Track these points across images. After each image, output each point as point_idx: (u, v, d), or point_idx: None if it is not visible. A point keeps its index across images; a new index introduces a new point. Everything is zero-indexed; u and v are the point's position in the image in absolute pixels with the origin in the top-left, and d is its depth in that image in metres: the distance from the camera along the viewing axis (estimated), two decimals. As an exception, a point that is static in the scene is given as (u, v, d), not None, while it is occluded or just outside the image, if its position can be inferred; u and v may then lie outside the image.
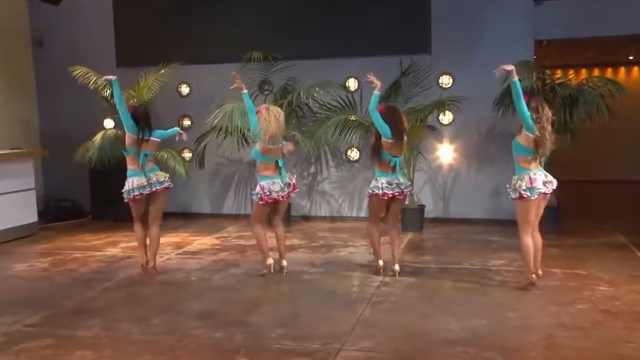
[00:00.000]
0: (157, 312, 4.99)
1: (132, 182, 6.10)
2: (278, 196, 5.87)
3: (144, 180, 6.07)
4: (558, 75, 8.91)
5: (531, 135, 5.17)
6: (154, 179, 6.14)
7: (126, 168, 6.21)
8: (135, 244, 6.84)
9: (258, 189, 5.88)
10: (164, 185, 6.20)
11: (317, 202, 9.67)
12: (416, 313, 4.85)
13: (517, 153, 5.34)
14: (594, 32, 8.82)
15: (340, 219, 9.51)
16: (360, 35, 9.12)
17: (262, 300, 5.33)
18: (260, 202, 5.84)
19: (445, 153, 9.04)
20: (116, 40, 10.06)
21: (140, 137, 6.12)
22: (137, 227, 6.37)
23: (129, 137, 6.14)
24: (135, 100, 8.92)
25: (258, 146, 5.89)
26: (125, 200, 6.19)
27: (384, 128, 5.66)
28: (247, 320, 4.75)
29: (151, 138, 6.20)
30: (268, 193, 5.82)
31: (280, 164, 5.96)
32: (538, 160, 5.32)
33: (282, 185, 5.89)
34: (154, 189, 6.13)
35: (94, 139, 8.88)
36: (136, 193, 6.08)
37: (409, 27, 8.97)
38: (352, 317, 4.75)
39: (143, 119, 6.17)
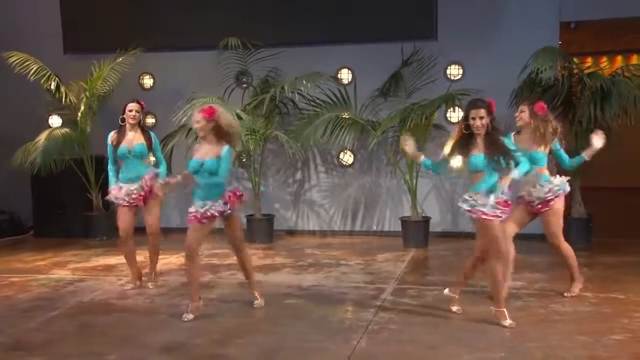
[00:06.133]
0: (113, 346, 4.95)
1: None
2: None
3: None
4: (588, 64, 9.01)
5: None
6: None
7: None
8: (90, 264, 6.84)
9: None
10: None
11: (305, 213, 9.70)
12: (421, 344, 4.86)
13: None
14: (632, 11, 8.79)
15: (332, 234, 9.54)
16: (355, 18, 9.18)
17: (239, 329, 5.33)
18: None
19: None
20: (63, 21, 10.03)
21: None
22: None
23: None
24: (87, 94, 8.92)
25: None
26: None
27: None
28: (222, 354, 4.73)
29: None
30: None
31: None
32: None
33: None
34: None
35: (36, 140, 8.85)
36: None
37: (412, 9, 9.05)
38: (345, 348, 4.75)
39: None
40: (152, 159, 6.82)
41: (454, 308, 5.56)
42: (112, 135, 6.56)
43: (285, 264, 7.71)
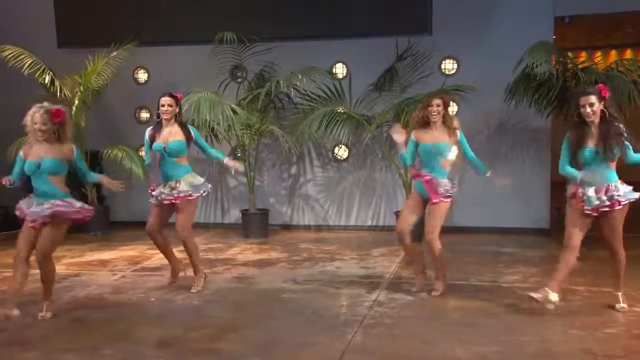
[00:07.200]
0: (108, 340, 4.94)
1: None
2: None
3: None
4: (582, 59, 9.00)
5: None
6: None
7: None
8: (84, 259, 6.82)
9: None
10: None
11: (300, 208, 9.68)
12: (415, 338, 4.86)
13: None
14: (626, 6, 8.81)
15: (327, 229, 9.53)
16: (350, 13, 9.16)
17: (234, 324, 5.31)
18: None
19: (449, 151, 9.08)
20: (57, 15, 9.97)
21: None
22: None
23: None
24: (81, 88, 8.87)
25: None
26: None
27: None
28: (217, 348, 4.72)
29: None
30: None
31: None
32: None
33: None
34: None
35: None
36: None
37: (406, 4, 9.03)
38: (340, 343, 4.75)
39: None
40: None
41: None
42: (148, 132, 6.06)
43: (280, 258, 7.69)
